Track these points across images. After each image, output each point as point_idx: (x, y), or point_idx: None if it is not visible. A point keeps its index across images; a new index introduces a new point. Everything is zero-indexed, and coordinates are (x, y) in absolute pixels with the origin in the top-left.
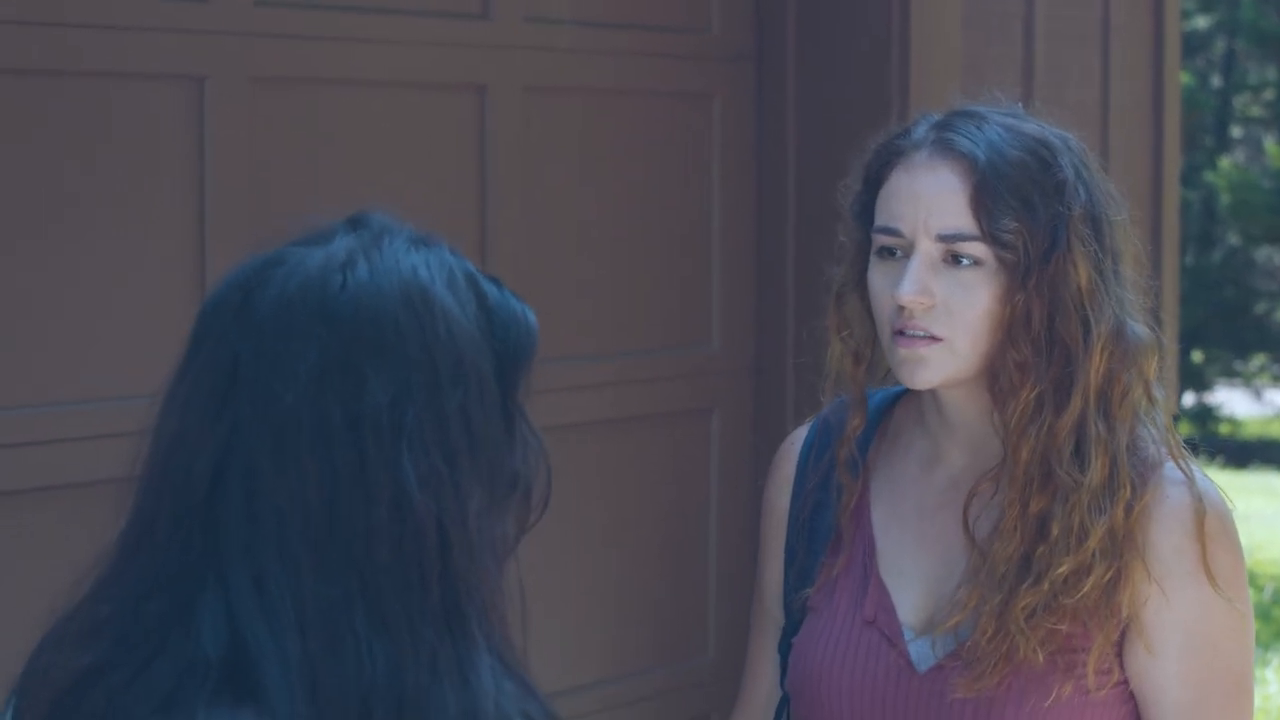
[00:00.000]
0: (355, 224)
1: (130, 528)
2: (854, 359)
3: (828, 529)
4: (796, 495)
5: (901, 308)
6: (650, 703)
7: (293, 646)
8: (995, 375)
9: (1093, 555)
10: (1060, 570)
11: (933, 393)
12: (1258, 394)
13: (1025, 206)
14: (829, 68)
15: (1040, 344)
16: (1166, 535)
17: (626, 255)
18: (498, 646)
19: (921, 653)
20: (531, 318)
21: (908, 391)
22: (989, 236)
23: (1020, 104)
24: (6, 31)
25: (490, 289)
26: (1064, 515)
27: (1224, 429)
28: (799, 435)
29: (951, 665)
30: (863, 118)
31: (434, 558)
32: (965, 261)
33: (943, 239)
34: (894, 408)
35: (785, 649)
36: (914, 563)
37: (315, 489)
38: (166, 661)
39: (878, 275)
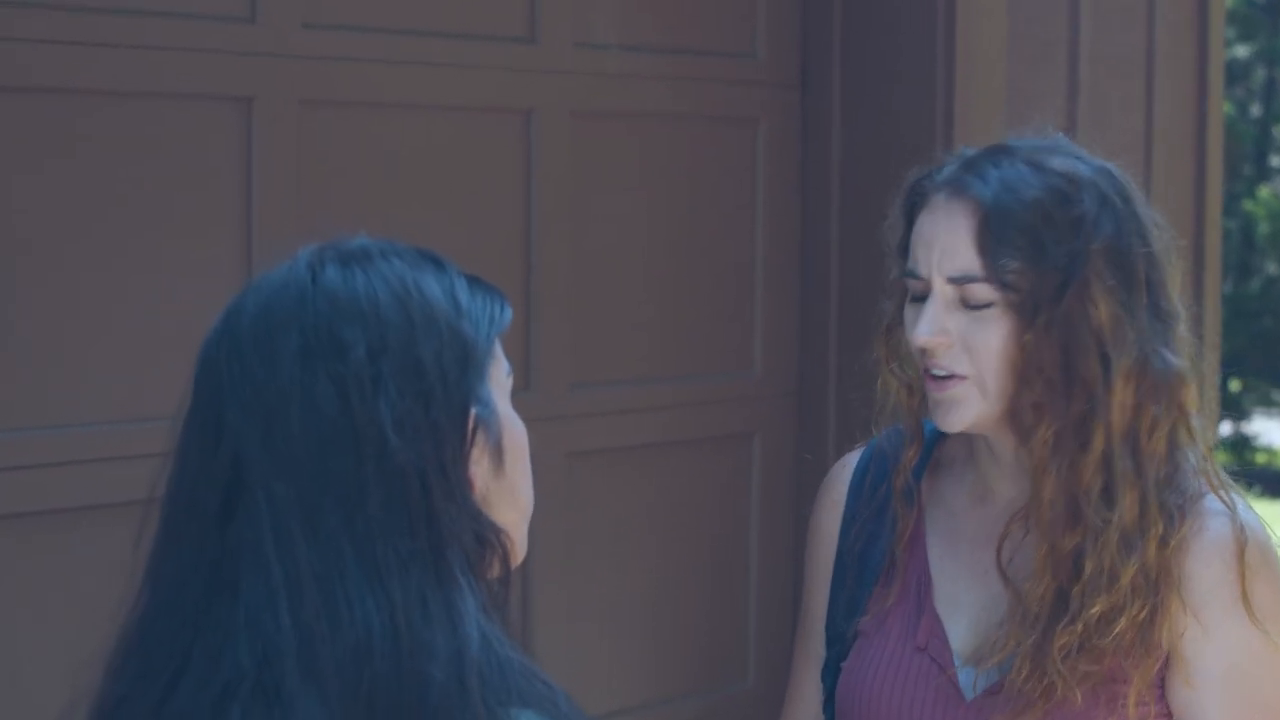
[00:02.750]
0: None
1: (151, 560)
2: (908, 390)
3: (880, 558)
4: (847, 522)
5: (924, 349)
6: None
7: (288, 629)
8: (1015, 414)
9: (1125, 595)
10: (1094, 610)
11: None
12: None
13: (1032, 245)
14: (874, 94)
15: (1056, 382)
16: (1205, 567)
17: (670, 279)
18: (481, 591)
19: (969, 681)
20: (507, 306)
21: None
22: (993, 278)
23: (1064, 133)
24: (56, 51)
25: (460, 280)
26: (1095, 554)
27: (1260, 458)
28: (850, 460)
29: (996, 696)
30: (907, 144)
31: (418, 502)
32: (977, 304)
33: (952, 281)
34: (945, 438)
35: (827, 676)
36: (967, 594)
37: (306, 457)
38: (191, 681)
39: (908, 318)
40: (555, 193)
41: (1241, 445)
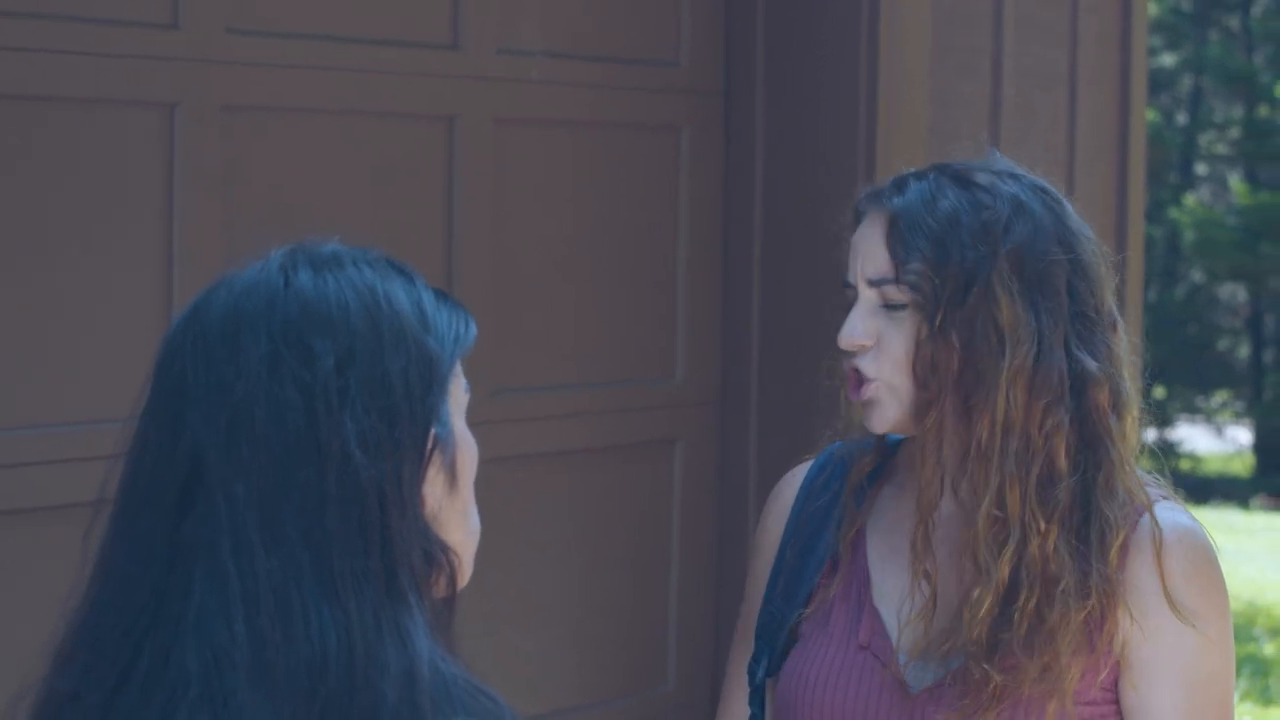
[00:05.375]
0: (293, 247)
1: (103, 552)
2: None
3: (823, 552)
4: (793, 522)
5: (845, 352)
6: None
7: (242, 637)
8: (916, 410)
9: (1033, 587)
10: (1026, 604)
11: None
12: (1219, 430)
13: (936, 249)
14: (797, 103)
15: (954, 382)
16: (1133, 572)
17: (593, 286)
18: (428, 610)
19: (914, 675)
20: (472, 324)
21: (908, 439)
22: (901, 279)
23: (988, 143)
24: None
25: (428, 294)
26: (1012, 552)
27: (1185, 465)
28: (800, 470)
29: (940, 689)
30: (829, 153)
31: (375, 519)
32: (893, 305)
33: (870, 284)
34: (895, 453)
35: (755, 669)
36: (906, 593)
37: (268, 464)
38: (139, 680)
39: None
40: (478, 199)
41: (1165, 452)
